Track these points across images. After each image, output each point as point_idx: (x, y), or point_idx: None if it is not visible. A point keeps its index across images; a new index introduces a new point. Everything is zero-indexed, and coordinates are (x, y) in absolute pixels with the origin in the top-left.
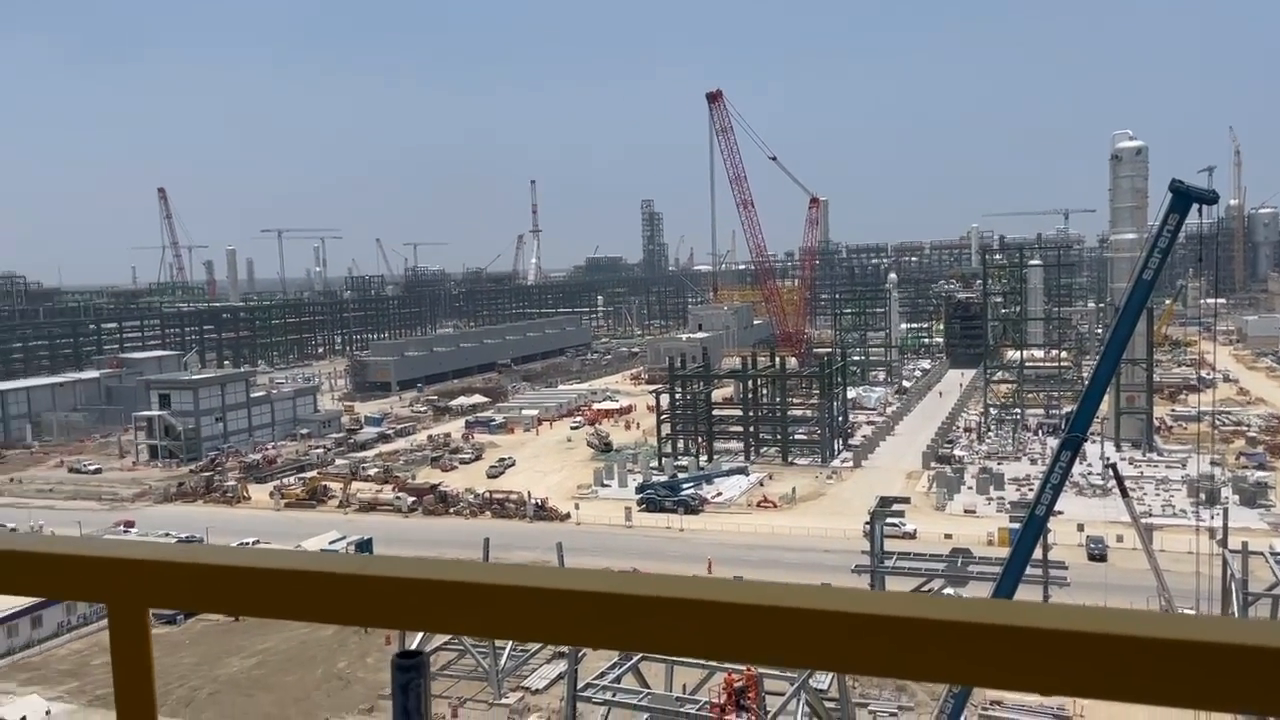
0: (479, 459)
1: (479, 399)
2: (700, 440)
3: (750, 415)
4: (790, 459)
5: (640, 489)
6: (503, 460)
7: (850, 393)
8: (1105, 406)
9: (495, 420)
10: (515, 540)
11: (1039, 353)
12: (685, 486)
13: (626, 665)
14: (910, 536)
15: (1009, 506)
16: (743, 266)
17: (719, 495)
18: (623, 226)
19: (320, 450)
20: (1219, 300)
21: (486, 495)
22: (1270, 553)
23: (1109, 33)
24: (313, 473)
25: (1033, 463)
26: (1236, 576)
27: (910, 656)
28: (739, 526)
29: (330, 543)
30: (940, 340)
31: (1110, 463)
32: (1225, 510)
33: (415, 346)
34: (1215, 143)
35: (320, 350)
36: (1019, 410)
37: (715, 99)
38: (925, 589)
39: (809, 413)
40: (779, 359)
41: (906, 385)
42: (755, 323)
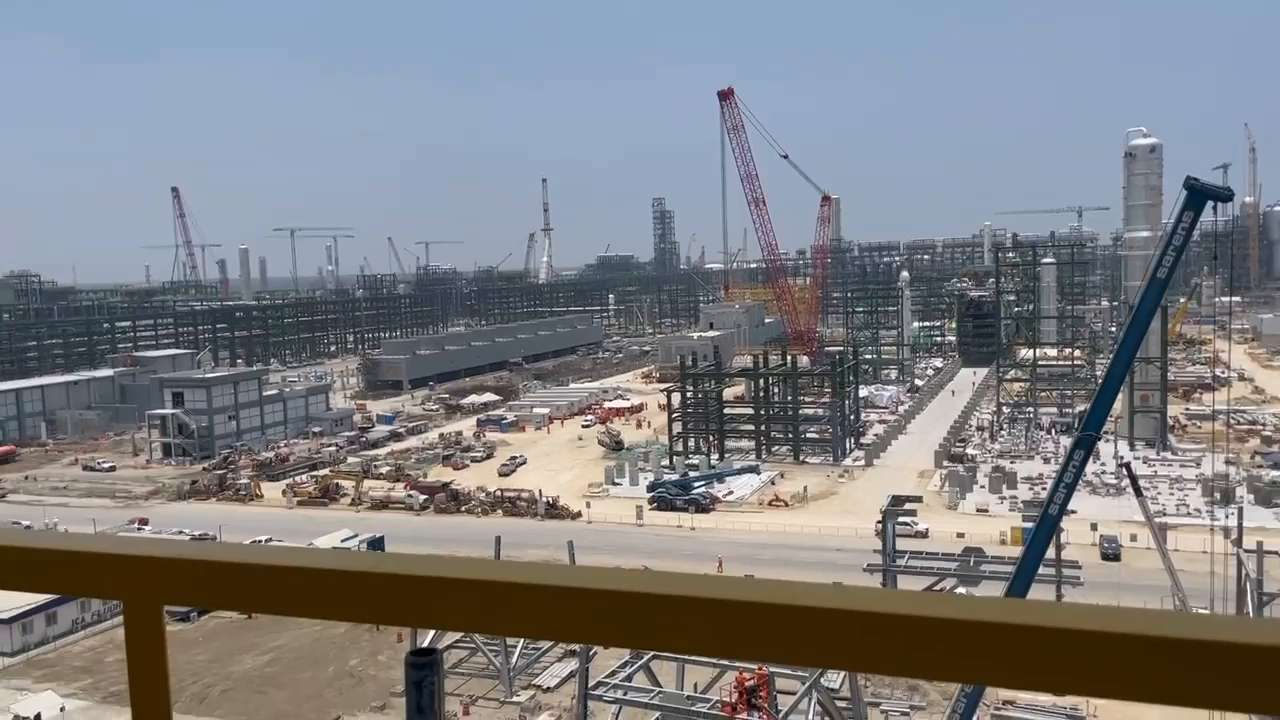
0: (490, 457)
1: (490, 397)
2: (711, 439)
3: (762, 414)
4: (802, 458)
5: (651, 487)
6: (514, 458)
7: (862, 391)
8: (1119, 405)
9: (507, 418)
10: (526, 538)
11: (1052, 351)
12: (696, 485)
13: (638, 664)
14: (922, 535)
15: (1022, 506)
16: (754, 265)
17: (730, 494)
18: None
19: (332, 448)
20: (1234, 298)
21: (498, 493)
22: None
23: (1124, 29)
24: (325, 471)
25: (1046, 462)
26: (1252, 576)
27: (922, 655)
28: (750, 525)
29: (342, 540)
30: (953, 339)
31: (1124, 462)
32: (1240, 509)
33: (427, 345)
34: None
35: (332, 349)
36: (1032, 409)
37: (726, 97)
38: (937, 588)
39: (821, 411)
40: (790, 357)
41: (919, 384)
42: (767, 321)
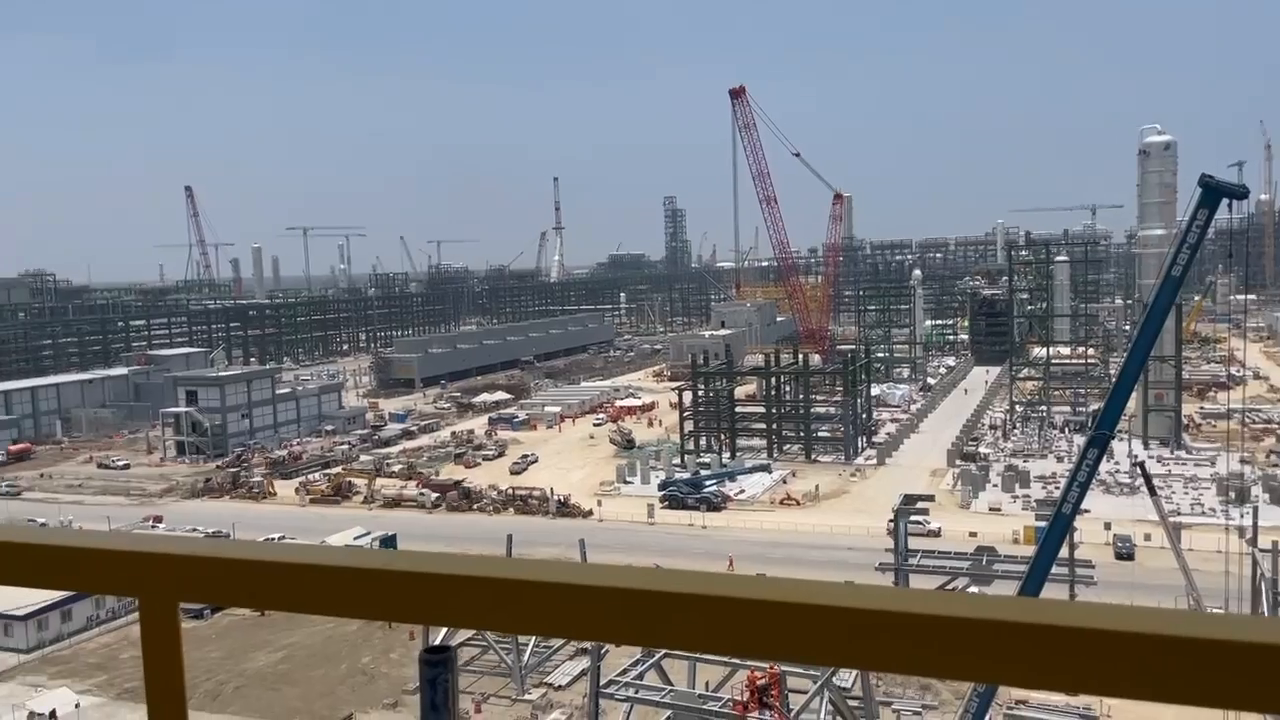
0: (502, 455)
1: (502, 396)
2: (723, 437)
3: (773, 412)
4: (813, 456)
5: (663, 486)
6: (525, 457)
7: (874, 390)
8: (1133, 404)
9: (518, 417)
10: (538, 536)
11: (1065, 350)
12: (708, 484)
13: (649, 662)
14: (934, 535)
15: (1035, 505)
16: (766, 263)
17: (742, 492)
18: (645, 223)
19: (345, 446)
20: (1249, 296)
21: (509, 491)
22: None
23: (1138, 26)
24: (337, 469)
25: (1059, 461)
26: (1267, 576)
27: (935, 655)
28: (762, 524)
29: (355, 538)
30: (965, 337)
31: (1138, 461)
32: (1255, 509)
33: (439, 343)
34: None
35: (345, 347)
36: (1045, 408)
37: (738, 95)
38: (950, 587)
39: (832, 410)
40: (802, 356)
41: (931, 382)
42: (778, 319)
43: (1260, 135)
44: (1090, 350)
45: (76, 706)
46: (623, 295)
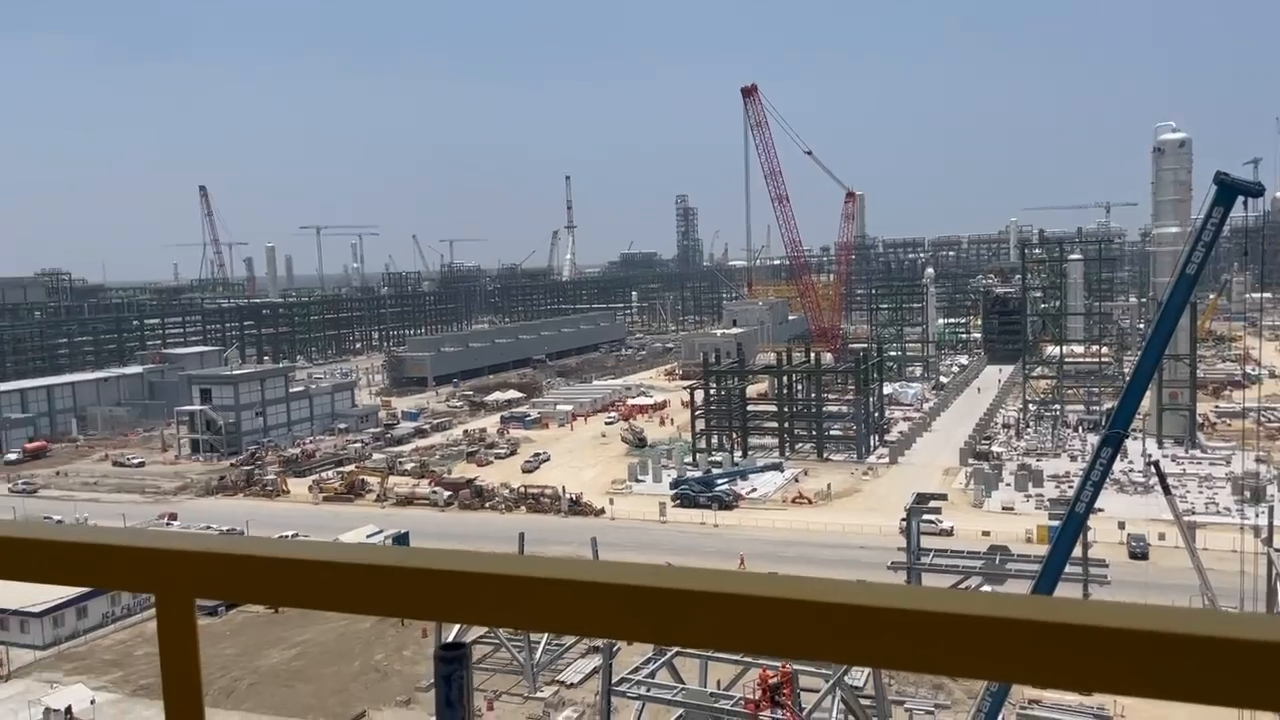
0: (514, 454)
1: (514, 394)
2: (735, 436)
3: (785, 411)
4: (825, 455)
5: (674, 484)
6: (538, 455)
7: (886, 388)
8: (1147, 403)
9: (530, 415)
10: (550, 535)
11: (1079, 348)
12: (720, 482)
13: (661, 660)
14: (947, 533)
15: (1048, 504)
16: (778, 261)
17: (753, 491)
18: (657, 222)
19: (358, 445)
20: (1264, 294)
21: (521, 490)
22: None
23: (1153, 23)
24: (350, 467)
25: (1072, 459)
26: None
27: (947, 653)
28: (773, 522)
29: (367, 536)
30: (978, 336)
31: (1152, 460)
32: (1270, 508)
33: (451, 342)
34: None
35: (358, 346)
36: (1058, 406)
37: (750, 93)
38: (962, 587)
39: (845, 408)
40: (814, 354)
41: (944, 381)
42: (790, 318)
43: (1276, 132)
44: (1104, 349)
45: (92, 703)
46: (634, 294)
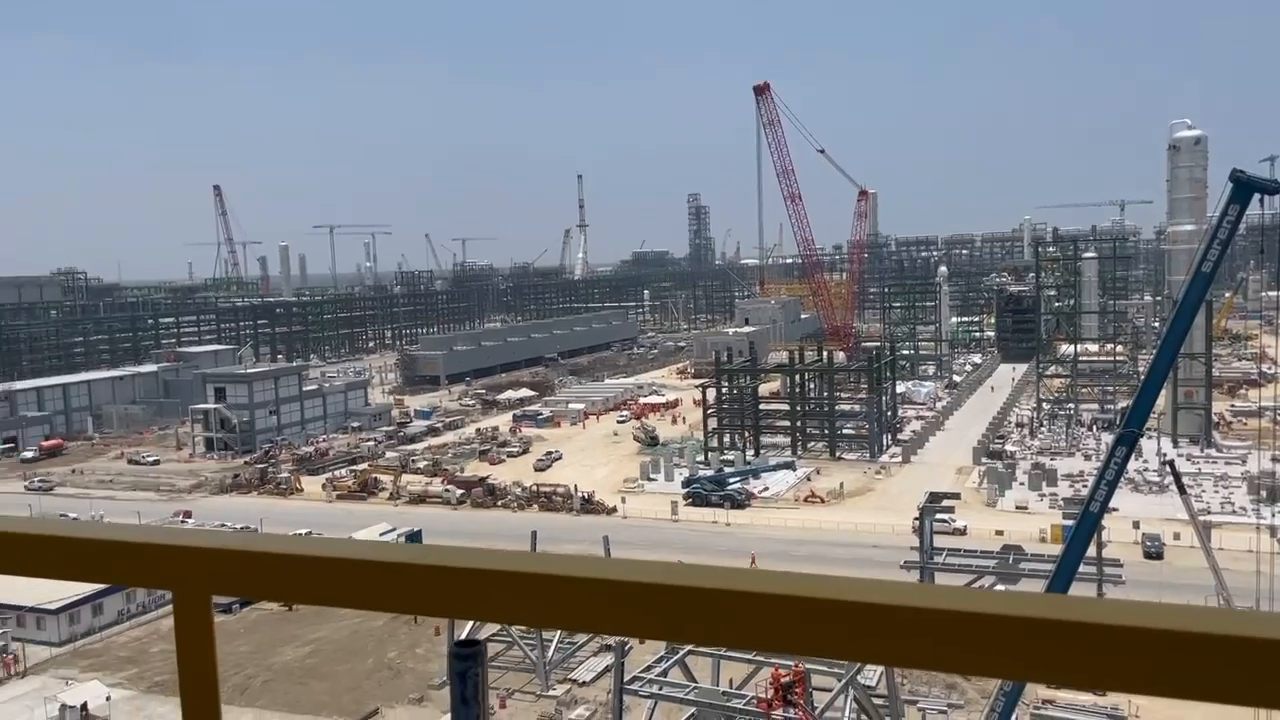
0: (526, 452)
1: (526, 393)
2: (747, 435)
3: (797, 410)
4: (838, 454)
5: (686, 483)
6: (550, 454)
7: (899, 387)
8: (1162, 401)
9: (542, 414)
10: (562, 533)
11: (1093, 347)
12: (731, 481)
13: (673, 659)
14: (960, 533)
15: (1062, 503)
16: (790, 260)
17: (765, 490)
18: (669, 221)
19: (371, 443)
20: None
21: (534, 488)
22: None
23: (1168, 19)
24: (364, 465)
25: (1087, 459)
26: None
27: (961, 651)
28: (785, 521)
29: (381, 534)
30: (991, 334)
31: (1167, 459)
32: None
33: (463, 341)
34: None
35: (371, 344)
36: (1073, 405)
37: (762, 92)
38: (975, 586)
39: (857, 407)
40: (826, 353)
41: (957, 380)
42: (803, 317)
43: None
44: (1118, 347)
45: (107, 699)
46: (646, 292)
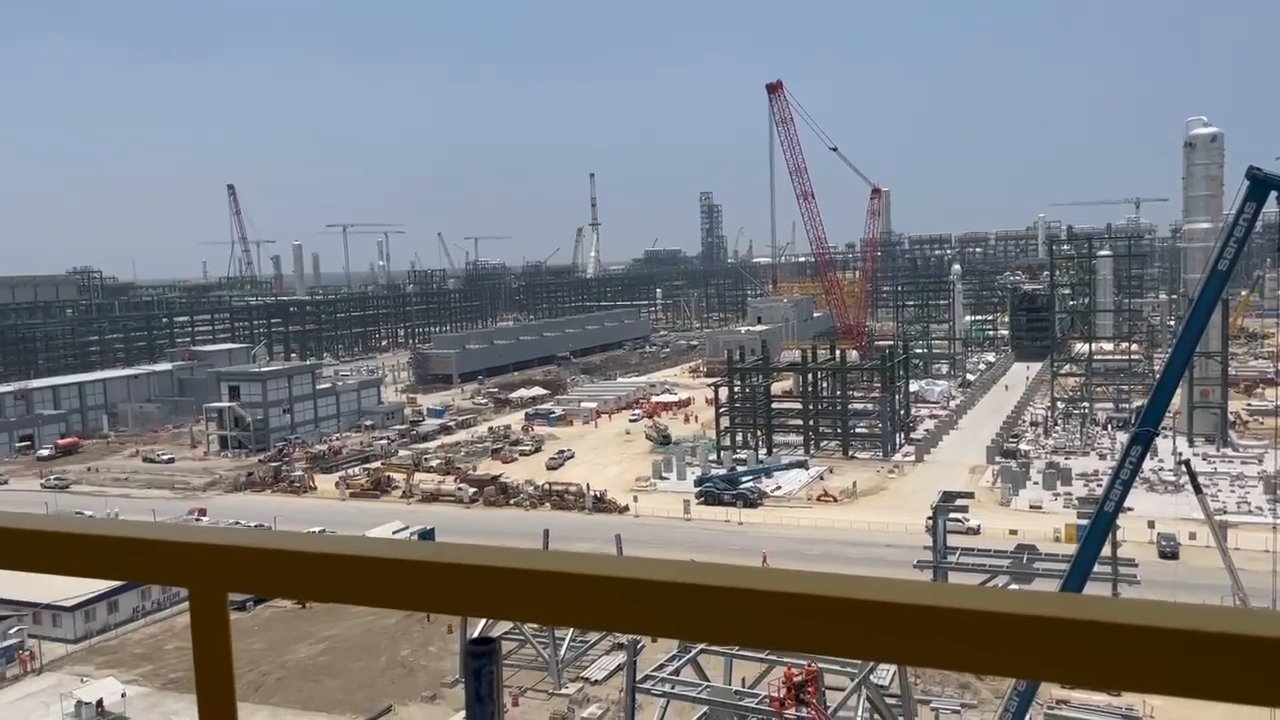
0: (538, 451)
1: (539, 391)
2: (759, 433)
3: (810, 408)
4: (851, 453)
5: (699, 482)
6: (562, 452)
7: (913, 386)
8: (1178, 400)
9: (555, 413)
10: (574, 532)
11: (1108, 345)
12: (744, 480)
13: (686, 658)
14: (974, 532)
15: (1077, 502)
16: (803, 258)
17: (778, 489)
18: (682, 219)
19: (384, 441)
20: None
21: (546, 487)
22: None
23: (1184, 16)
24: (377, 463)
25: (1101, 458)
26: None
27: (974, 650)
28: (798, 520)
29: (394, 532)
30: (1005, 333)
31: (1183, 458)
32: None
33: (476, 339)
34: None
35: (384, 343)
36: (1087, 404)
37: (775, 90)
38: (989, 586)
39: (870, 406)
40: (839, 352)
41: (970, 379)
42: (815, 315)
43: None
44: (1133, 346)
45: (122, 696)
46: (659, 291)
